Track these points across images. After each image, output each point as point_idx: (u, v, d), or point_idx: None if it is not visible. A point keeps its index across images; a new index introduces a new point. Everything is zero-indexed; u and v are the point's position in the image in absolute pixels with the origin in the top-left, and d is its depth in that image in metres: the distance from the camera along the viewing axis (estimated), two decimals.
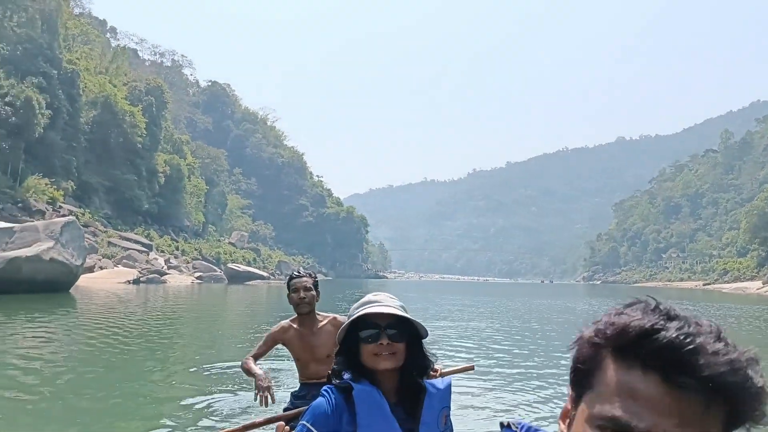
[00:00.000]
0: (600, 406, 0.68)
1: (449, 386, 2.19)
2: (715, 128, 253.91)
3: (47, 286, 23.61)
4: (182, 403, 7.06)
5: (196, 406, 6.89)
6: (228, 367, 9.14)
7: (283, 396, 4.96)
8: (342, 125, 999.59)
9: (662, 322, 0.68)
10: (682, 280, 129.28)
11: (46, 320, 15.92)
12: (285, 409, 3.76)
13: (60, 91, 56.31)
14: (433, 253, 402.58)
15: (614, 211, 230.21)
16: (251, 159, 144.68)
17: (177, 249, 67.42)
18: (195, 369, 9.40)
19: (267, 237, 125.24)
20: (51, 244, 23.31)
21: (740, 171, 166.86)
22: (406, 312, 2.10)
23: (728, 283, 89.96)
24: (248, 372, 3.89)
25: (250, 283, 59.36)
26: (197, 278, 55.43)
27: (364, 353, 2.07)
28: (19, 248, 23.01)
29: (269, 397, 3.68)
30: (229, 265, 68.77)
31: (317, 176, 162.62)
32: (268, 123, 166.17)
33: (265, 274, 74.01)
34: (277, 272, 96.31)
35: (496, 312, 25.78)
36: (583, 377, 0.72)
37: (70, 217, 31.36)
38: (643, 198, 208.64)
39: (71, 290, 26.24)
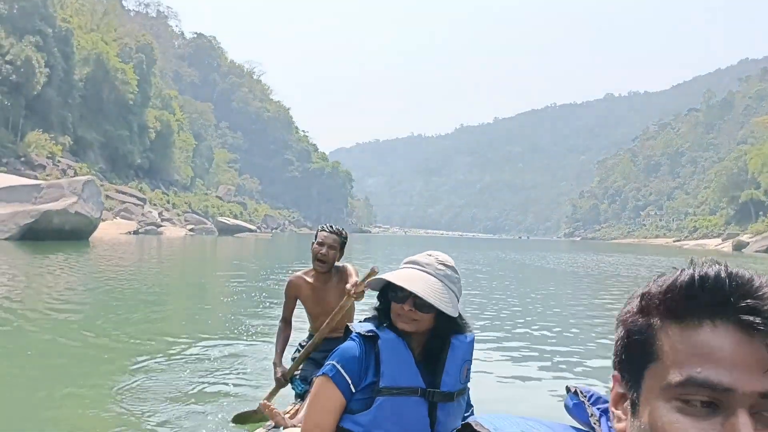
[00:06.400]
0: (674, 373, 0.62)
1: (473, 341, 2.15)
2: (704, 86, 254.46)
3: (72, 234, 27.74)
4: (175, 343, 7.21)
5: (188, 351, 6.78)
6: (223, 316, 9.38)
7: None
8: (329, 79, 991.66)
9: (705, 271, 0.64)
10: (657, 237, 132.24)
11: (78, 261, 19.20)
12: (292, 359, 3.96)
13: (55, 48, 58.27)
14: (418, 208, 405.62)
15: (597, 168, 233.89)
16: (237, 113, 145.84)
17: (168, 202, 70.46)
18: (193, 314, 9.91)
19: (253, 191, 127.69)
20: (74, 199, 27.07)
21: (720, 131, 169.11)
22: (450, 284, 2.04)
23: (695, 239, 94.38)
24: (276, 357, 3.95)
25: (239, 235, 62.50)
26: (190, 230, 58.59)
27: (392, 308, 2.03)
28: (47, 202, 26.88)
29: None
30: (218, 218, 71.89)
31: (303, 131, 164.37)
32: (254, 77, 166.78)
33: (252, 227, 77.09)
34: (264, 225, 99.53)
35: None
36: (640, 351, 0.66)
37: (90, 176, 34.71)
38: (625, 156, 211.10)
39: (89, 239, 30.15)
